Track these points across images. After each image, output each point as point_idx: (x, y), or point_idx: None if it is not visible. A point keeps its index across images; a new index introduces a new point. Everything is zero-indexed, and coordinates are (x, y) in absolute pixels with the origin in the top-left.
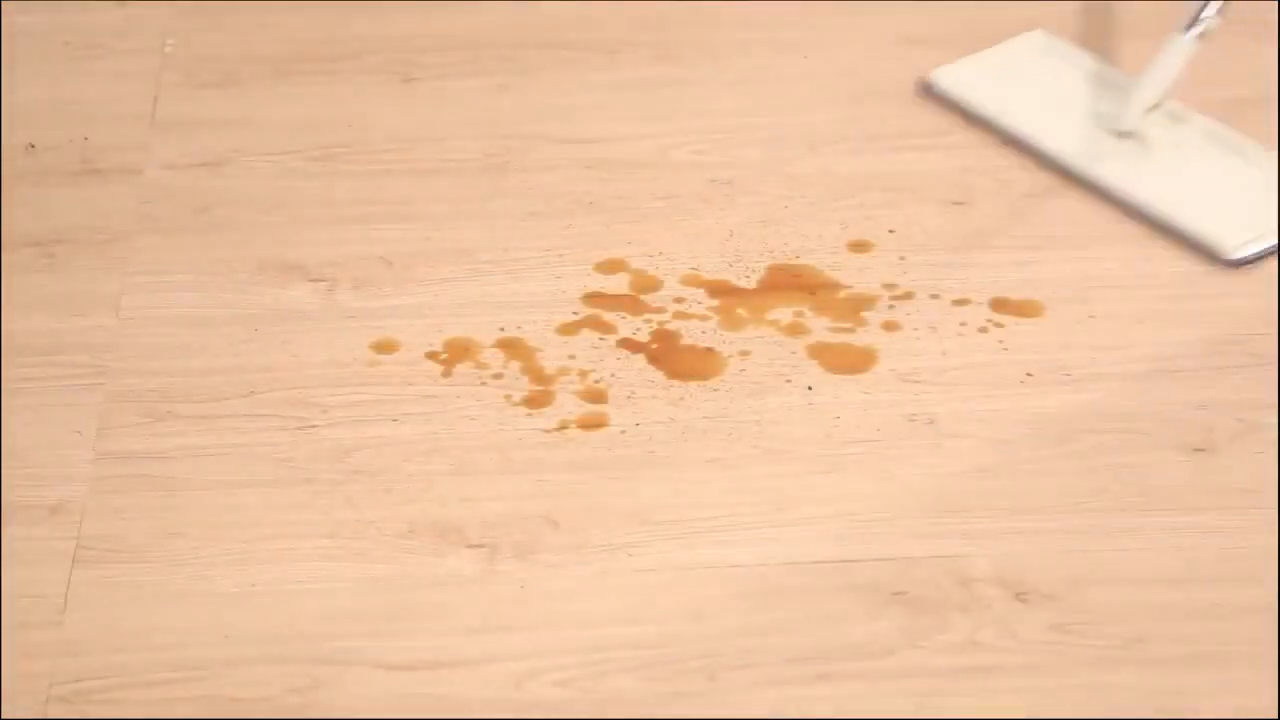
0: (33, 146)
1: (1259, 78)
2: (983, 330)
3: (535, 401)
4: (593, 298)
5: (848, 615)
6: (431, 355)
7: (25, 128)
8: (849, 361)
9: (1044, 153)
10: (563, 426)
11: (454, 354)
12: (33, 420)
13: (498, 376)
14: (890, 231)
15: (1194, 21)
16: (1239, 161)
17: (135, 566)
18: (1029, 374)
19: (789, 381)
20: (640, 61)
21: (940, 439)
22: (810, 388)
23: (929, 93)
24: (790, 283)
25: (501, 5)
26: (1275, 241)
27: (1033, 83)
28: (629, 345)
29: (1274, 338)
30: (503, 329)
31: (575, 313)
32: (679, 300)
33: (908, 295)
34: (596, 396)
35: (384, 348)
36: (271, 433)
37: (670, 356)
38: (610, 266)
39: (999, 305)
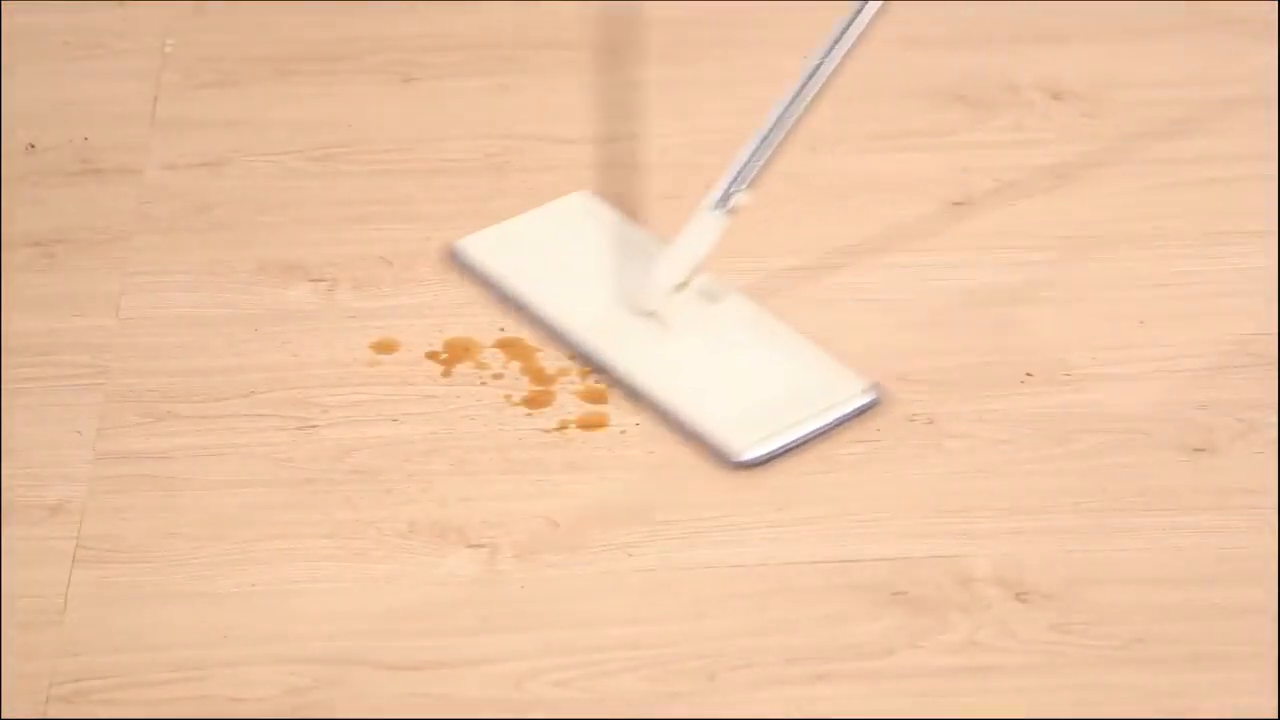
0: (33, 146)
1: (1259, 78)
2: (983, 330)
3: (535, 401)
4: None
5: (848, 615)
6: (431, 355)
7: (25, 128)
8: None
9: (561, 333)
10: (563, 426)
11: (454, 354)
12: (33, 420)
13: (498, 376)
14: (890, 232)
15: (724, 198)
16: (766, 350)
17: (135, 566)
18: (1029, 374)
19: None
20: (640, 61)
21: (940, 439)
22: None
23: (453, 262)
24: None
25: (501, 5)
26: (789, 439)
27: (562, 253)
28: None
29: (1274, 338)
30: (503, 329)
31: None
32: None
33: (908, 295)
34: (596, 396)
35: (384, 348)
36: (271, 433)
37: None
38: None
39: (1000, 305)
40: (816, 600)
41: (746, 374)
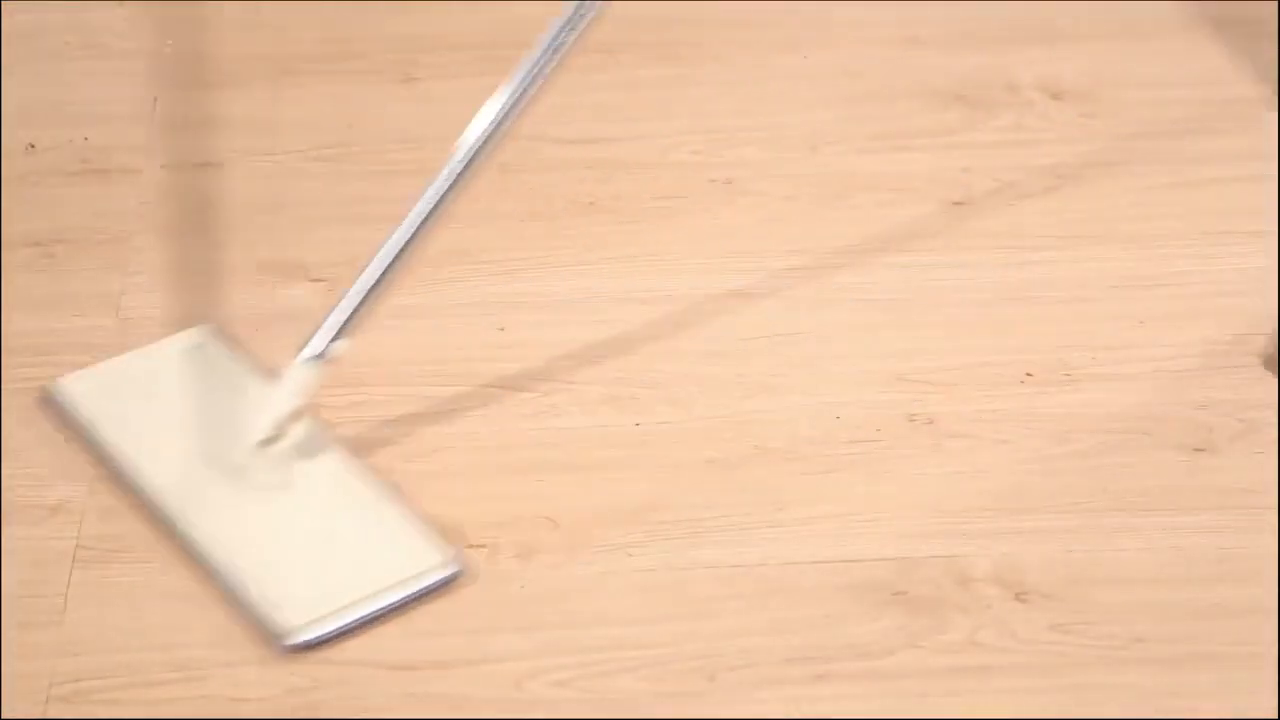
0: (33, 146)
1: (1259, 78)
2: (983, 330)
3: (535, 402)
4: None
5: (848, 615)
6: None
7: (25, 128)
8: (849, 361)
9: (138, 490)
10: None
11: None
12: (33, 420)
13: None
14: (890, 232)
15: (320, 350)
16: (346, 514)
17: (135, 566)
18: (1029, 374)
19: (788, 382)
20: (640, 61)
21: (940, 439)
22: (810, 388)
23: (48, 404)
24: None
25: (501, 5)
26: (349, 620)
27: (162, 399)
28: None
29: (1274, 338)
30: (503, 329)
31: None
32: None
33: (908, 295)
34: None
35: (384, 347)
36: None
37: None
38: (609, 266)
39: (1000, 305)
40: (816, 600)
41: (319, 543)
